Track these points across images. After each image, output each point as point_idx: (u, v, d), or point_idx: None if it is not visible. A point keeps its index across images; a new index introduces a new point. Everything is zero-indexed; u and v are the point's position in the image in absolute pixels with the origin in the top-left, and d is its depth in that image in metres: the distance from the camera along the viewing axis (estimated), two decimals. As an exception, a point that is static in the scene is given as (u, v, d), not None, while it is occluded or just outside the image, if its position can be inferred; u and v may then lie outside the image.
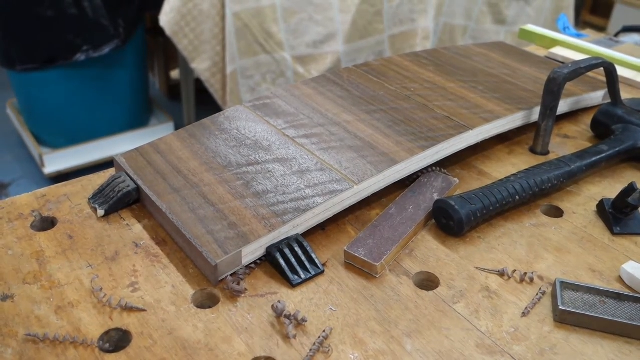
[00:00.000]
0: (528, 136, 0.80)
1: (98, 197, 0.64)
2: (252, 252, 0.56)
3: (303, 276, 0.55)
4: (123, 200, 0.63)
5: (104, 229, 0.60)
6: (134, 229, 0.61)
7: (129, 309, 0.51)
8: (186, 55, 2.25)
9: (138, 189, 0.63)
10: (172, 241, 0.59)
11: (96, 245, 0.58)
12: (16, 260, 0.56)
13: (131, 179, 0.64)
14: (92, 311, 0.51)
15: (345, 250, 0.57)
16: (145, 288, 0.54)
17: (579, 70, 0.75)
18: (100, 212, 0.62)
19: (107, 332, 0.49)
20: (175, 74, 2.70)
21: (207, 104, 2.30)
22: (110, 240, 0.59)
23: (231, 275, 0.55)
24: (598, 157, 0.71)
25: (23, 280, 0.54)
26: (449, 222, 0.61)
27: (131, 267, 0.56)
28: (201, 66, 2.22)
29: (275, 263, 0.56)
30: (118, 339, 0.49)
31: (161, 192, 0.61)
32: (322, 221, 0.60)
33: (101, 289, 0.52)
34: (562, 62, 0.98)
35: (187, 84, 2.48)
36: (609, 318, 0.51)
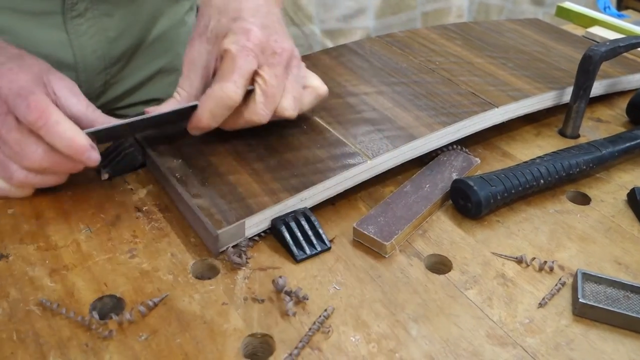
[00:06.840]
0: (558, 118, 0.76)
1: (103, 159, 0.61)
2: (256, 223, 0.53)
3: (308, 251, 0.53)
4: (129, 164, 0.61)
5: (106, 193, 0.58)
6: (138, 194, 0.59)
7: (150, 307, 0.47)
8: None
9: (144, 153, 0.61)
10: (175, 208, 0.57)
11: (97, 209, 0.56)
12: (15, 220, 0.55)
13: (138, 142, 0.61)
14: (87, 275, 0.49)
15: (354, 227, 0.54)
16: (143, 255, 0.52)
17: (617, 49, 0.70)
18: (104, 175, 0.60)
19: (100, 299, 0.47)
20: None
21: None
22: (112, 205, 0.57)
23: (233, 246, 0.52)
24: (632, 143, 0.67)
25: (20, 240, 0.52)
26: (467, 204, 0.58)
27: (131, 233, 0.54)
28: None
29: (280, 236, 0.53)
30: (111, 306, 0.47)
31: (167, 157, 0.59)
32: (332, 195, 0.57)
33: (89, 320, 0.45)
34: (600, 43, 0.92)
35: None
36: (633, 315, 0.48)
